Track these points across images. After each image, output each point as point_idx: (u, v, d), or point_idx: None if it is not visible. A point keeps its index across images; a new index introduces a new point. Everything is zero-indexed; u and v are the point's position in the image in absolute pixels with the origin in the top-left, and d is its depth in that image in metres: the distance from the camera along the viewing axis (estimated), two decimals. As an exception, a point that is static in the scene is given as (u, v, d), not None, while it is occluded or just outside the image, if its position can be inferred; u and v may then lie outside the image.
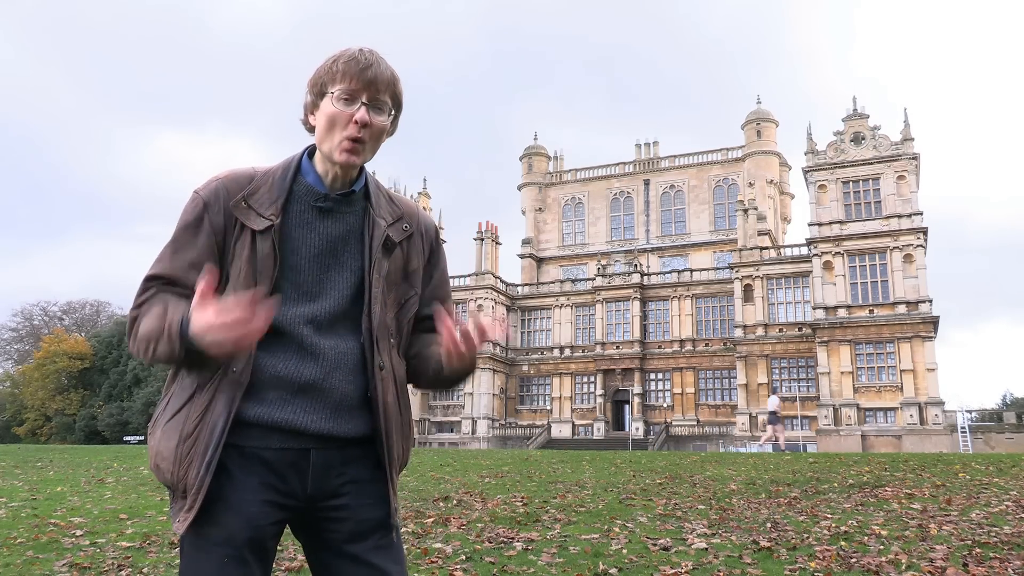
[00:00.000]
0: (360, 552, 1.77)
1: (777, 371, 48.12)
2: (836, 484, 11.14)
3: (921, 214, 44.73)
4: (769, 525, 7.22)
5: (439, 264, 2.01)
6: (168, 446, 1.69)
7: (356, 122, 1.74)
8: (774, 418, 25.58)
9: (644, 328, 53.66)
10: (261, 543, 1.71)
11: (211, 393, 1.69)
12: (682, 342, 52.37)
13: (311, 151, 1.87)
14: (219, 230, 1.76)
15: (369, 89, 1.75)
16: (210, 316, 1.53)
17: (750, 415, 47.48)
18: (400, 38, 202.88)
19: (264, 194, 1.79)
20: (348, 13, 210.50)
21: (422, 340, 1.96)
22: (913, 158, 45.50)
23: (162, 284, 1.72)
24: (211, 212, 1.76)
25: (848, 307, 44.72)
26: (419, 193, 62.48)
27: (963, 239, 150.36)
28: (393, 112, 1.83)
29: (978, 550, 5.74)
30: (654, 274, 56.54)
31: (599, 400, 53.27)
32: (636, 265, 56.28)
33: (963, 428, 39.71)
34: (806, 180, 48.19)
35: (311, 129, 1.83)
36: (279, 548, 5.16)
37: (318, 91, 1.79)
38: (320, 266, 1.80)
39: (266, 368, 1.72)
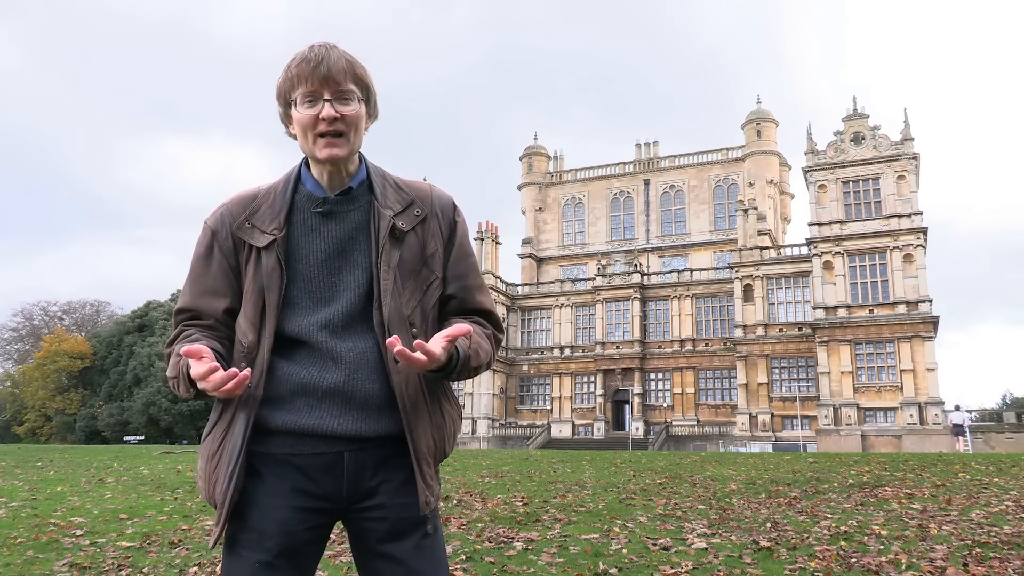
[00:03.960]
0: (398, 552, 1.76)
1: (777, 371, 48.11)
2: (836, 484, 11.14)
3: (921, 214, 44.73)
4: (769, 525, 7.22)
5: (457, 240, 1.94)
6: (202, 465, 1.78)
7: (324, 120, 1.75)
8: (960, 430, 30.90)
9: (644, 328, 53.65)
10: (295, 548, 1.72)
11: (232, 411, 1.75)
12: (682, 342, 52.36)
13: (308, 160, 1.88)
14: (230, 254, 1.81)
15: (328, 85, 1.75)
16: (198, 372, 1.63)
17: (750, 415, 47.49)
18: (401, 49, 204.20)
19: (266, 211, 1.82)
20: (349, 25, 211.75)
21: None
22: (913, 158, 45.50)
23: (187, 317, 1.83)
24: (219, 239, 1.82)
25: (848, 307, 44.72)
26: (419, 193, 62.43)
27: (949, 243, 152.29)
28: (363, 96, 1.81)
29: (978, 550, 5.74)
30: (654, 274, 56.53)
31: (599, 400, 53.26)
32: (636, 265, 56.27)
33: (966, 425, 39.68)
34: (806, 180, 48.19)
35: (295, 138, 1.84)
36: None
37: (284, 101, 1.81)
38: (330, 270, 1.80)
39: (291, 377, 1.74)
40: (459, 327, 1.69)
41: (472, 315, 1.92)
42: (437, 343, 1.66)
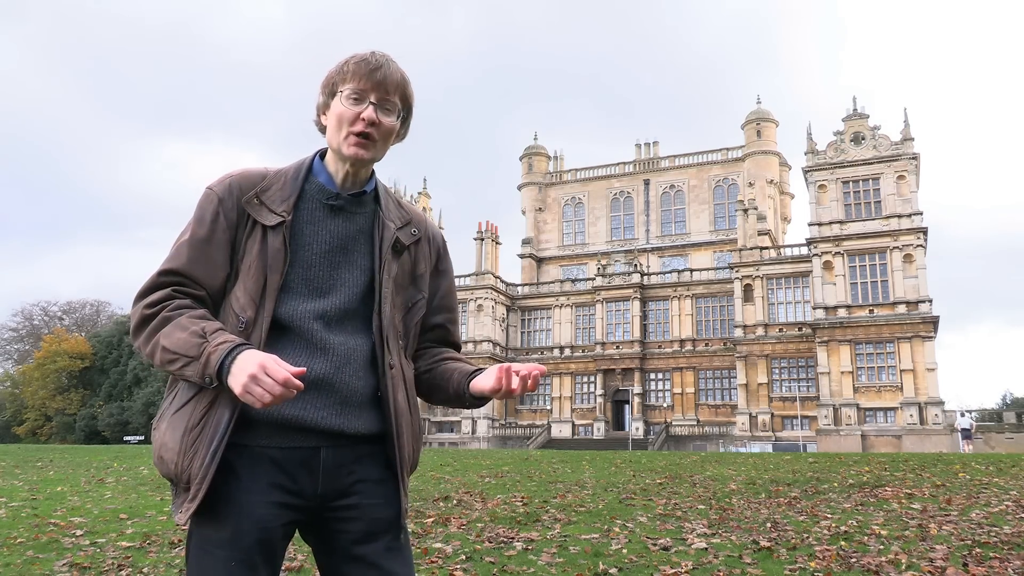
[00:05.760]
0: (370, 554, 1.76)
1: (777, 371, 48.09)
2: (836, 484, 11.14)
3: (921, 214, 44.70)
4: (769, 525, 7.22)
5: (447, 273, 2.03)
6: (174, 437, 1.68)
7: (363, 119, 1.77)
8: (967, 433, 32.58)
9: (644, 328, 53.64)
10: (270, 545, 1.69)
11: (215, 388, 1.67)
12: (682, 342, 52.35)
13: (322, 153, 1.90)
14: (232, 225, 1.77)
15: (378, 90, 1.78)
16: (255, 371, 1.54)
17: (750, 415, 47.47)
18: (401, 53, 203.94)
19: (276, 191, 1.81)
20: (349, 29, 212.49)
21: (434, 354, 1.99)
22: (913, 158, 45.47)
23: (177, 282, 1.72)
24: (225, 207, 1.77)
25: (848, 307, 44.70)
26: (419, 193, 62.46)
27: (944, 245, 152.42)
28: (403, 114, 1.86)
29: (978, 550, 5.74)
30: (654, 274, 56.50)
31: (599, 400, 53.25)
32: (636, 265, 56.24)
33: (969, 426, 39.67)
34: (806, 180, 48.17)
35: (323, 129, 1.86)
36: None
37: (329, 91, 1.83)
38: (330, 263, 1.81)
39: None
40: (531, 367, 1.78)
41: (451, 348, 2.04)
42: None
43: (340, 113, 1.78)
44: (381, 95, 1.79)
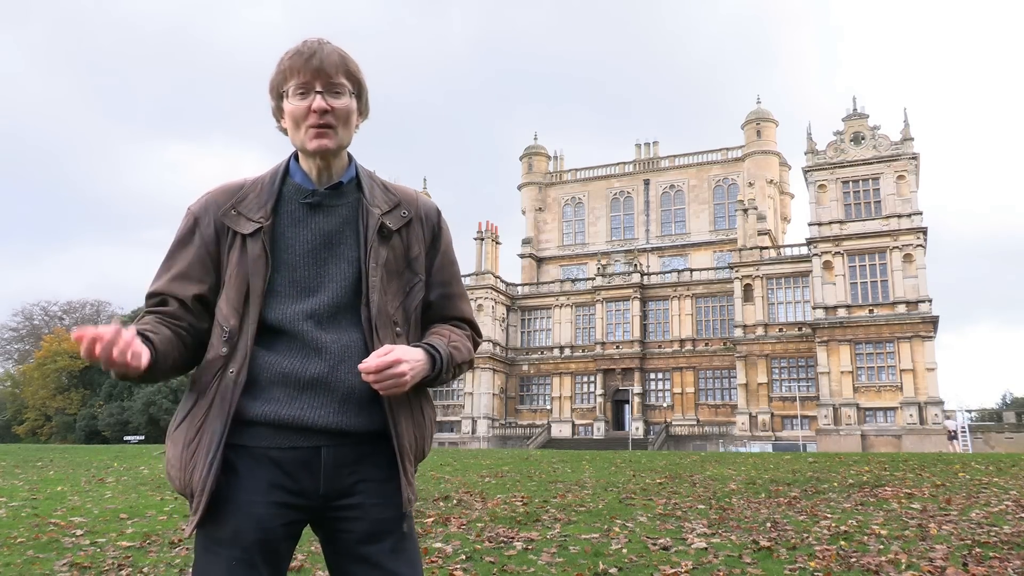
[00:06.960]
0: (375, 555, 1.75)
1: (777, 371, 48.09)
2: (836, 484, 11.15)
3: (921, 214, 44.69)
4: (769, 525, 7.22)
5: (441, 248, 1.96)
6: (175, 453, 1.73)
7: (315, 111, 1.75)
8: (953, 435, 35.19)
9: (644, 328, 53.64)
10: (271, 545, 1.70)
11: (210, 398, 1.72)
12: (682, 342, 52.36)
13: (297, 154, 1.89)
14: (211, 241, 1.79)
15: (320, 76, 1.76)
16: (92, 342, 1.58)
17: (750, 415, 47.47)
18: (401, 55, 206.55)
19: (252, 200, 1.81)
20: (347, 32, 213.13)
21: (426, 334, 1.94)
22: (913, 158, 45.46)
23: (156, 302, 1.79)
24: (201, 225, 1.80)
25: (848, 307, 44.70)
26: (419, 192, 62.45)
27: (940, 246, 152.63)
28: (354, 91, 1.83)
29: (978, 550, 5.74)
30: (654, 274, 56.51)
31: (599, 400, 53.25)
32: (636, 265, 56.25)
33: (963, 428, 39.70)
34: (806, 180, 48.16)
35: (286, 132, 1.85)
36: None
37: (277, 94, 1.82)
38: (316, 260, 1.80)
39: (271, 367, 1.72)
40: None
41: (453, 321, 1.96)
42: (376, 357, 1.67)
43: (292, 111, 1.78)
44: (325, 81, 1.76)
